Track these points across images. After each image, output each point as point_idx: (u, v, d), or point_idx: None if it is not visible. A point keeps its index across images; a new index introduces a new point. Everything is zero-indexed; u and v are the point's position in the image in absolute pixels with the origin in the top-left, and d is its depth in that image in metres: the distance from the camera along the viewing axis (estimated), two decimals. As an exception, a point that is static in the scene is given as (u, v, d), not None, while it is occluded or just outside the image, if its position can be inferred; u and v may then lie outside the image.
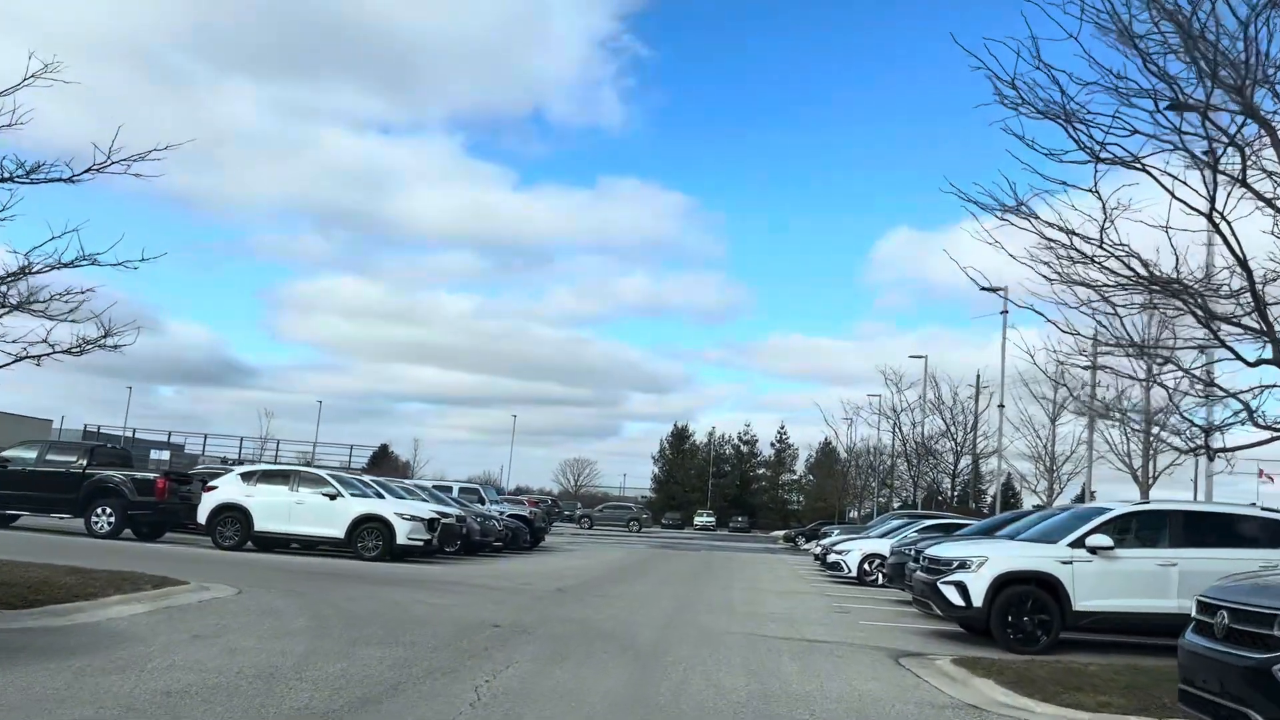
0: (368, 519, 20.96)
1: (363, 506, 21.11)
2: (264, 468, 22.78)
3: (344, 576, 15.76)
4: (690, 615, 13.33)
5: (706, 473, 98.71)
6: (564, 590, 15.93)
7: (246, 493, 21.41)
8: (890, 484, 57.22)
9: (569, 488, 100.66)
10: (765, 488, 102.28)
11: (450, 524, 23.85)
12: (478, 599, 13.36)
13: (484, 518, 26.76)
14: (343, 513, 21.02)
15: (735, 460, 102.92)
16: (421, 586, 14.78)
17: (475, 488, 34.01)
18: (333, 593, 12.85)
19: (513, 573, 19.89)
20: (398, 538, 20.84)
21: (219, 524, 21.26)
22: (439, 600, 12.78)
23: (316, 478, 21.68)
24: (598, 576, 20.46)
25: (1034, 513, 16.42)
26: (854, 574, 22.95)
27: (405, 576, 16.66)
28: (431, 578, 16.79)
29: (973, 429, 46.54)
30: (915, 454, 49.65)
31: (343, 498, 21.14)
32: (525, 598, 14.10)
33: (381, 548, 20.76)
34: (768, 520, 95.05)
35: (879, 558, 22.87)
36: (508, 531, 28.71)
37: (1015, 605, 11.84)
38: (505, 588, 15.64)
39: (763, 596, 17.67)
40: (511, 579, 17.89)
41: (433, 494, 27.40)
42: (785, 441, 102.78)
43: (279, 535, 21.24)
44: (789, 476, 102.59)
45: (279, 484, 21.58)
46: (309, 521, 21.09)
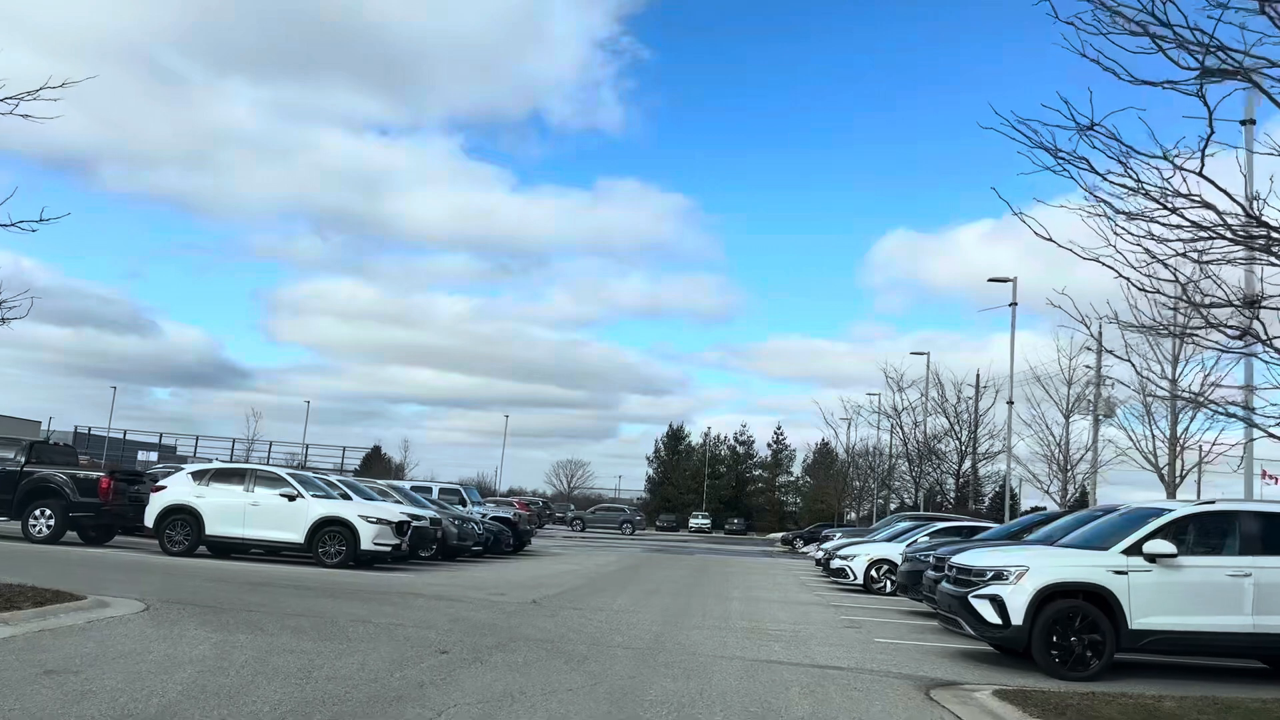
0: (329, 522, 19.15)
1: (324, 508, 19.30)
2: (217, 466, 20.97)
3: (290, 587, 13.96)
4: (681, 634, 11.53)
5: (702, 474, 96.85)
6: (539, 602, 14.14)
7: (197, 493, 19.59)
8: (890, 485, 55.48)
9: (562, 489, 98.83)
10: (762, 489, 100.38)
11: (423, 527, 22.05)
12: (435, 616, 11.55)
13: (462, 520, 24.95)
14: (302, 515, 19.21)
15: (731, 461, 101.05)
16: (376, 599, 12.97)
17: (456, 488, 32.17)
18: (265, 609, 11.04)
19: (488, 581, 18.08)
20: (362, 542, 19.04)
21: (167, 527, 19.44)
22: (388, 618, 10.97)
23: (274, 477, 19.85)
24: (581, 585, 18.66)
25: (1067, 514, 14.67)
26: (860, 581, 21.18)
27: (363, 587, 14.86)
28: (393, 588, 14.98)
29: (974, 426, 44.82)
30: (917, 454, 47.90)
31: (302, 499, 19.33)
32: (492, 613, 12.29)
33: (345, 553, 18.96)
34: (764, 522, 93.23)
35: (887, 564, 21.11)
36: (489, 535, 26.90)
37: (1061, 623, 10.07)
38: (473, 600, 13.84)
39: (763, 608, 15.88)
40: (484, 588, 16.09)
41: (409, 495, 25.60)
42: (782, 442, 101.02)
43: (233, 540, 19.43)
44: (786, 478, 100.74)
45: (233, 484, 19.76)
46: (265, 524, 19.28)
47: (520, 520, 30.65)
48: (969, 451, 43.78)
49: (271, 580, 14.87)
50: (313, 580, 15.48)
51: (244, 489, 19.57)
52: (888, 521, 31.72)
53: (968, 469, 43.59)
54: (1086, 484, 30.78)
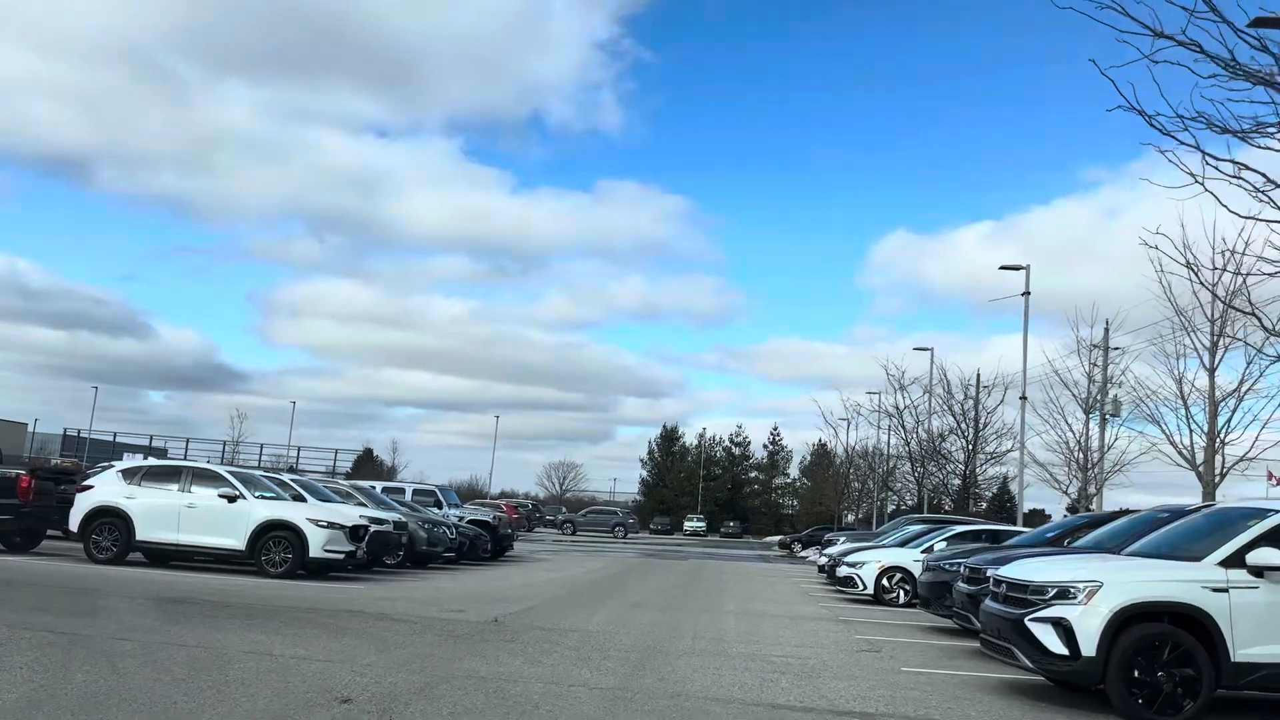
0: (274, 526, 16.98)
1: (268, 511, 17.12)
2: (152, 463, 18.77)
3: (205, 604, 11.79)
4: (665, 664, 9.39)
5: (697, 476, 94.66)
6: (502, 621, 11.98)
7: (127, 494, 17.41)
8: (891, 486, 53.38)
9: (554, 492, 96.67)
10: (758, 491, 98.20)
11: (385, 532, 19.87)
12: (362, 643, 9.39)
13: (432, 524, 22.78)
14: (243, 518, 17.03)
15: (727, 463, 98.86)
16: (299, 621, 10.81)
17: (431, 489, 30.01)
18: (142, 634, 8.88)
19: (452, 593, 15.93)
20: (311, 549, 16.86)
21: (94, 531, 17.26)
22: (298, 648, 8.82)
23: (213, 475, 17.66)
24: (558, 597, 16.50)
25: (1122, 516, 12.54)
26: (870, 591, 19.04)
27: (295, 603, 12.69)
28: (332, 604, 12.82)
29: (976, 425, 42.58)
30: (921, 453, 45.78)
31: (244, 500, 17.16)
32: (437, 638, 10.14)
33: (291, 561, 16.79)
34: (761, 525, 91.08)
35: (900, 572, 18.98)
36: (464, 540, 24.74)
37: (1145, 654, 7.93)
38: (422, 619, 11.68)
39: (764, 625, 13.73)
40: (444, 603, 13.94)
41: (375, 498, 23.44)
42: (779, 443, 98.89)
43: (165, 546, 17.24)
44: (782, 480, 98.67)
45: (168, 483, 17.57)
46: (202, 529, 17.10)
47: (500, 524, 28.48)
48: (974, 451, 41.61)
49: (189, 595, 12.70)
50: (240, 595, 13.31)
51: (179, 489, 17.40)
52: (895, 524, 29.60)
53: (975, 468, 41.39)
54: (1090, 486, 28.68)
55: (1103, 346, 29.25)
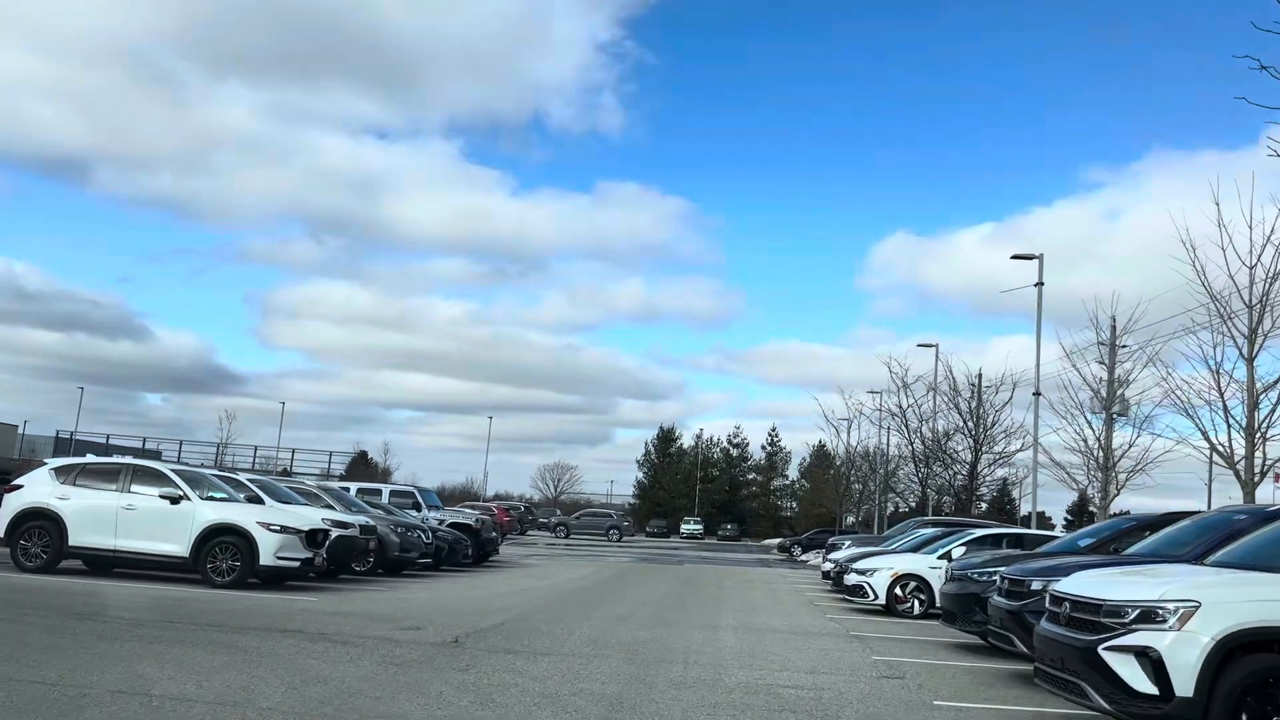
0: (221, 530, 15.27)
1: (215, 513, 15.40)
2: (89, 461, 16.99)
3: (112, 620, 10.07)
4: (649, 700, 7.68)
5: (694, 478, 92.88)
6: (463, 642, 10.27)
7: (60, 494, 15.69)
8: (894, 488, 51.64)
9: (549, 494, 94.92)
10: (756, 493, 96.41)
11: (350, 537, 18.17)
12: (272, 676, 7.68)
13: (406, 528, 21.06)
14: (186, 521, 15.32)
15: (724, 465, 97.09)
16: (214, 644, 9.09)
17: (410, 490, 28.24)
18: (6, 664, 7.16)
19: (415, 606, 14.22)
20: (261, 556, 15.15)
21: (21, 536, 15.55)
22: (188, 683, 7.10)
23: (155, 474, 15.93)
24: (536, 609, 14.78)
25: (1183, 518, 10.82)
26: (882, 601, 17.33)
27: (227, 618, 10.98)
28: (269, 620, 11.10)
29: (978, 421, 40.64)
30: (925, 453, 44.03)
31: (188, 501, 15.44)
32: (374, 666, 8.42)
33: (240, 569, 15.09)
34: (759, 528, 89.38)
35: (914, 580, 17.28)
36: (442, 545, 23.02)
37: (1257, 694, 6.24)
38: (366, 640, 9.96)
39: (767, 644, 12.02)
40: (402, 618, 12.23)
41: (344, 499, 21.72)
42: (777, 444, 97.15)
43: (101, 552, 15.53)
44: (781, 482, 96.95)
45: (105, 483, 15.85)
46: (142, 533, 15.38)
47: (483, 527, 26.73)
48: (981, 450, 39.85)
49: (103, 610, 10.97)
50: (168, 608, 11.60)
51: (118, 489, 15.68)
52: (903, 528, 27.92)
53: (984, 468, 39.65)
54: (1110, 487, 27.00)
55: (1109, 344, 27.74)
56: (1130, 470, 26.57)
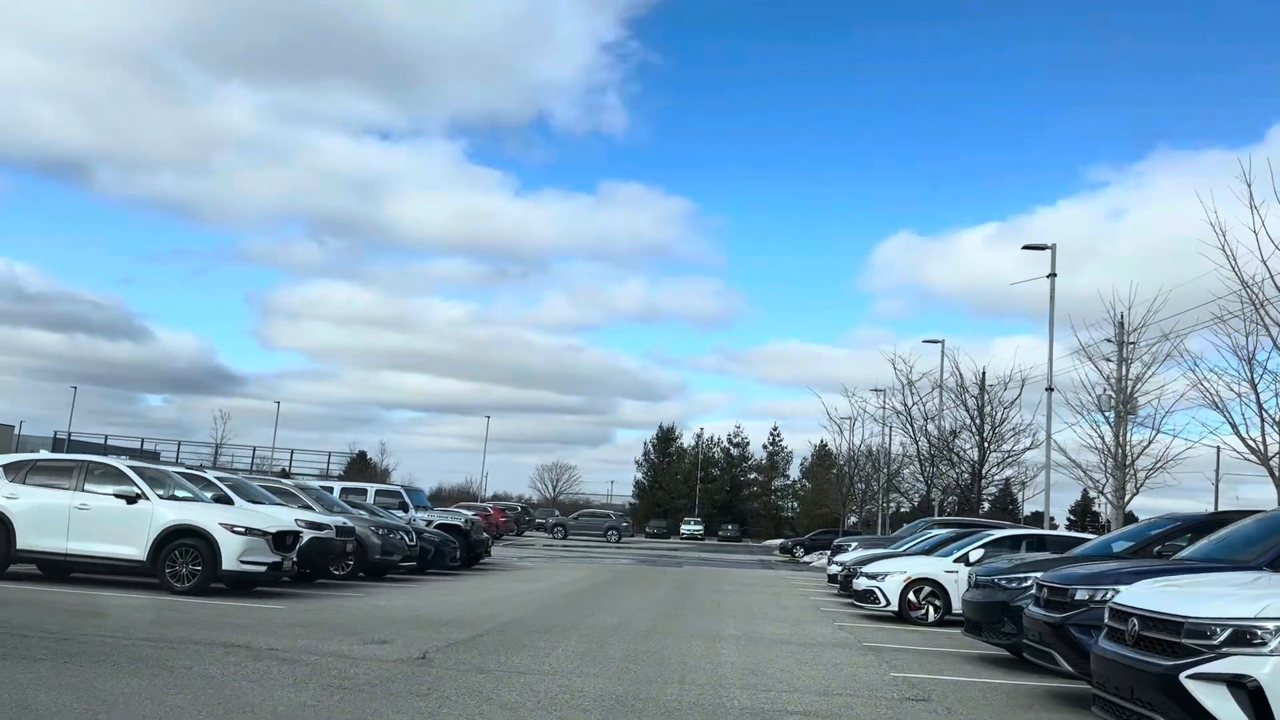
0: (180, 532, 14.10)
1: (174, 514, 14.24)
2: (40, 458, 15.83)
3: (38, 635, 8.90)
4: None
5: (694, 478, 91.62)
6: (430, 658, 9.12)
7: (8, 493, 14.51)
8: (899, 487, 50.49)
9: (547, 494, 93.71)
10: (757, 494, 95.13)
11: (325, 539, 17.06)
12: (194, 705, 6.51)
13: (388, 529, 19.90)
14: (143, 523, 14.15)
15: (725, 465, 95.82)
16: (140, 662, 7.93)
17: (397, 490, 27.10)
18: None
19: (387, 615, 13.06)
20: (224, 560, 13.98)
21: (-36, 540, 14.40)
22: (92, 713, 5.94)
23: (112, 472, 14.75)
24: (521, 618, 13.62)
25: (1235, 518, 9.65)
26: (894, 607, 16.18)
27: (170, 628, 9.82)
28: (217, 632, 9.94)
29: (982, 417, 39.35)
30: (930, 452, 42.83)
31: (145, 500, 14.28)
32: (318, 691, 7.26)
33: (201, 574, 13.92)
34: (760, 528, 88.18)
35: (929, 585, 16.13)
36: (428, 547, 21.86)
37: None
38: (319, 657, 8.81)
39: (773, 658, 10.85)
40: (368, 630, 11.08)
41: (325, 499, 20.58)
42: (779, 444, 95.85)
43: (52, 556, 14.38)
44: (782, 482, 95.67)
45: (58, 481, 14.69)
46: (95, 535, 14.22)
47: (473, 528, 25.57)
48: (988, 448, 38.63)
49: (31, 621, 9.81)
50: (107, 619, 10.45)
51: (71, 488, 14.52)
52: (912, 529, 26.77)
53: (989, 468, 38.42)
54: (1129, 485, 25.84)
55: (1118, 340, 26.69)
56: (1149, 469, 25.44)
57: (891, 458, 49.10)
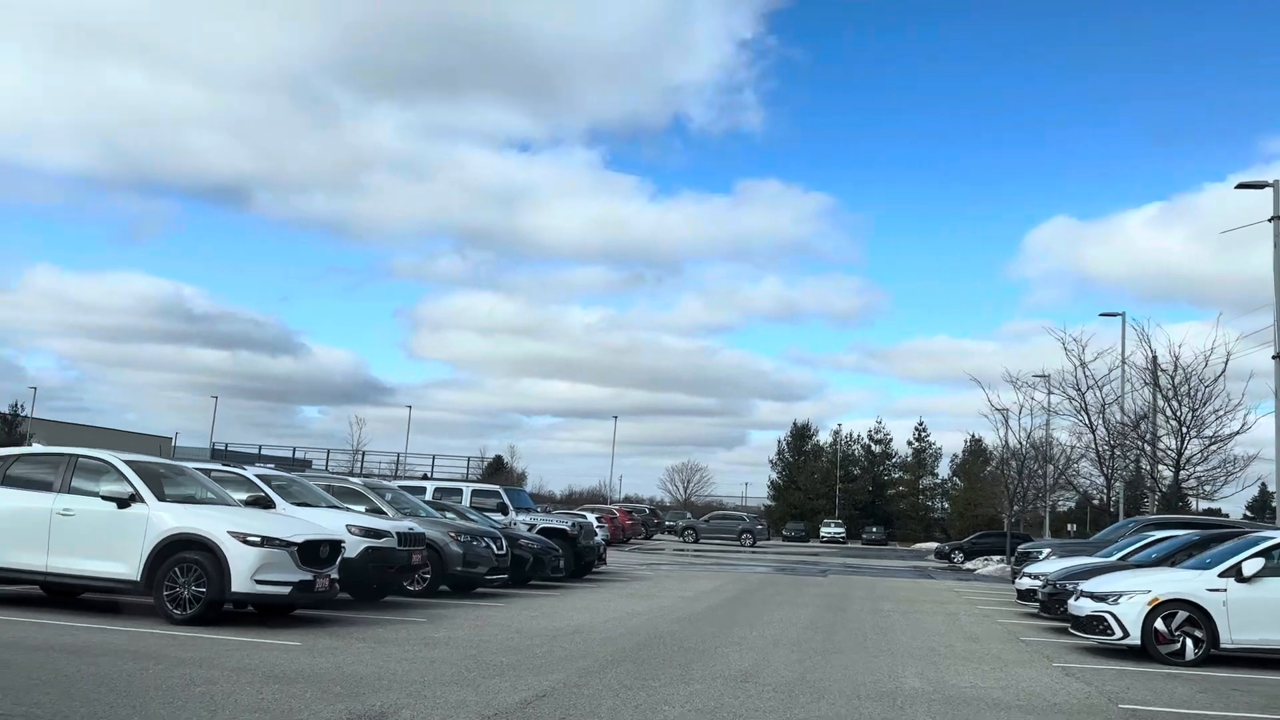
0: (181, 544, 10.92)
1: (174, 520, 11.06)
2: (24, 451, 12.91)
3: None
4: None
5: (833, 477, 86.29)
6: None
7: (-20, 497, 11.68)
8: (1074, 484, 44.57)
9: (678, 496, 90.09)
10: (903, 493, 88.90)
11: (382, 549, 13.75)
12: None
13: (471, 536, 16.49)
14: (137, 531, 11.04)
15: (866, 463, 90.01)
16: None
17: (495, 489, 23.80)
18: None
19: (440, 655, 9.50)
20: (234, 579, 10.74)
21: (-67, 555, 11.60)
22: None
23: (102, 467, 11.69)
24: (614, 658, 9.84)
25: None
26: (1134, 639, 11.67)
27: (106, 689, 6.44)
28: (169, 695, 6.51)
29: (1178, 402, 33.38)
30: (1112, 442, 36.99)
31: (140, 503, 11.16)
32: None
33: (205, 598, 10.71)
34: (907, 530, 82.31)
35: (1186, 608, 11.58)
36: (525, 555, 18.39)
37: None
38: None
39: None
40: (389, 683, 7.54)
41: (400, 500, 17.34)
42: (925, 440, 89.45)
43: (28, 574, 11.42)
44: (931, 480, 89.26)
45: (39, 480, 11.75)
46: (80, 548, 11.20)
47: (581, 533, 22.00)
48: (1188, 435, 32.72)
49: None
50: (33, 669, 7.19)
51: (55, 489, 11.55)
52: (1119, 530, 21.81)
53: (1192, 455, 32.51)
54: None
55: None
56: None
57: (1063, 450, 43.26)
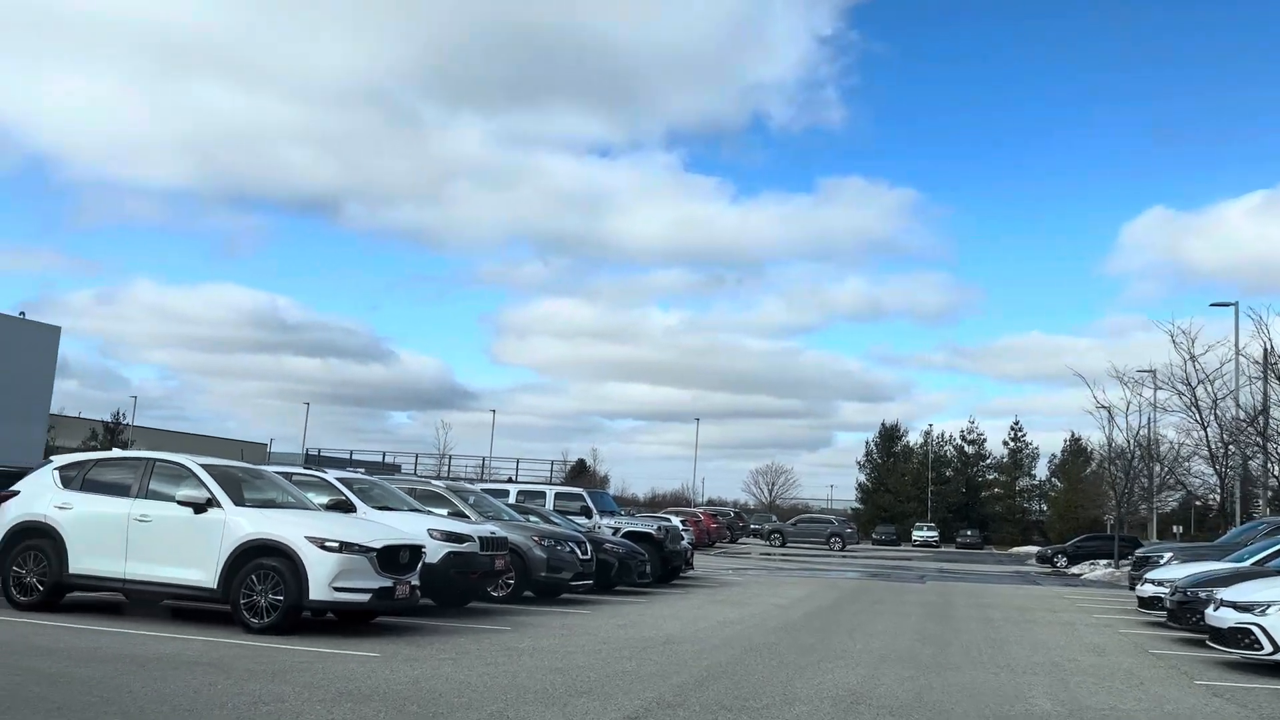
0: (258, 550, 10.56)
1: (251, 526, 10.71)
2: (101, 456, 12.75)
3: None
4: None
5: (924, 479, 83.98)
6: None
7: (61, 502, 11.50)
8: (1186, 483, 42.26)
9: (763, 499, 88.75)
10: (999, 495, 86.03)
11: (465, 554, 13.28)
12: None
13: (554, 540, 15.94)
14: (214, 537, 10.72)
15: (959, 464, 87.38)
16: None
17: (578, 493, 23.28)
18: None
19: (538, 659, 8.91)
20: (311, 587, 10.32)
21: (15, 561, 11.44)
22: None
23: (178, 471, 11.42)
24: (705, 675, 9.12)
25: None
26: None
27: (158, 702, 6.00)
28: (246, 708, 6.04)
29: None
30: (1225, 439, 34.88)
31: (217, 508, 10.85)
32: None
33: (282, 606, 10.32)
34: (1003, 533, 79.59)
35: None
36: (609, 560, 17.79)
37: None
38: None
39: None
40: (469, 703, 6.93)
41: (483, 504, 16.86)
42: (1021, 440, 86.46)
43: (107, 581, 11.19)
44: (1028, 482, 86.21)
45: (117, 485, 11.55)
46: (157, 554, 10.93)
47: (668, 536, 21.31)
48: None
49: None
50: (83, 684, 6.81)
51: (132, 494, 11.32)
52: (1248, 532, 20.27)
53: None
54: None
55: None
56: None
57: (1171, 447, 41.02)
